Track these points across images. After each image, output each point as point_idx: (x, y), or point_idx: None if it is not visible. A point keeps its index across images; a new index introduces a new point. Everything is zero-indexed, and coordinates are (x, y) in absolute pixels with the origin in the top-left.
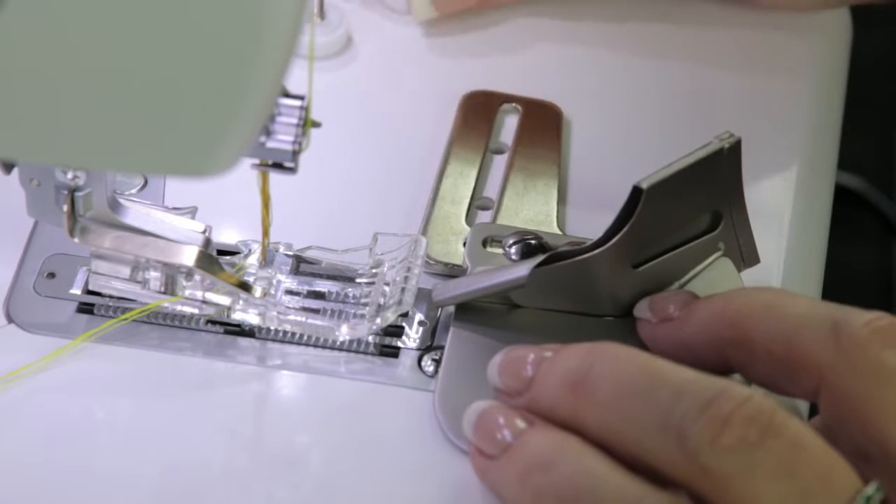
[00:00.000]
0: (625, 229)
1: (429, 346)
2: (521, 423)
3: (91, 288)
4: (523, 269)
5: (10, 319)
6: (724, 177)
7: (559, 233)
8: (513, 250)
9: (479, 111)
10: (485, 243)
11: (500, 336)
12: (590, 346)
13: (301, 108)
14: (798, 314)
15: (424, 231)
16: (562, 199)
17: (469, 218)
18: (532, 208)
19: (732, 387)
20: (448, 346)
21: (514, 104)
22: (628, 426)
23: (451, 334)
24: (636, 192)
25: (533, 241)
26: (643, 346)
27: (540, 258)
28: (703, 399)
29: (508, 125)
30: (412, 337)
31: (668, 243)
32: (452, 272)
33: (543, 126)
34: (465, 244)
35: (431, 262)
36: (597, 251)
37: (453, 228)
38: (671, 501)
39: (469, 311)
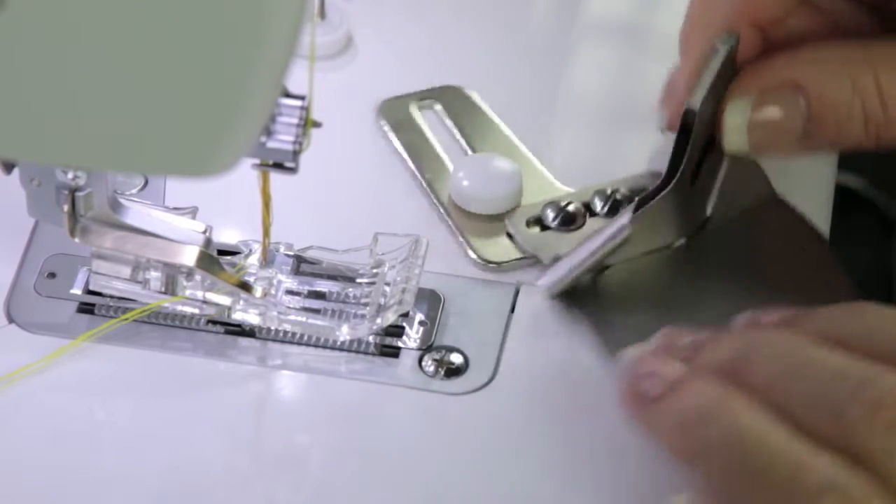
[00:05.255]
0: (688, 150)
1: (429, 346)
2: (686, 369)
3: (92, 288)
4: (623, 219)
5: (10, 319)
6: (730, 73)
7: (570, 190)
8: (558, 221)
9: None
10: (528, 225)
11: None
12: (744, 334)
13: (301, 107)
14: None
15: (464, 239)
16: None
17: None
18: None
19: (885, 373)
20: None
21: None
22: (786, 405)
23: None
24: (689, 113)
25: (569, 205)
26: None
27: (629, 208)
28: (860, 380)
29: None
30: (413, 337)
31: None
32: (510, 267)
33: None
34: (509, 235)
35: (493, 264)
36: (677, 177)
37: (488, 225)
38: (834, 461)
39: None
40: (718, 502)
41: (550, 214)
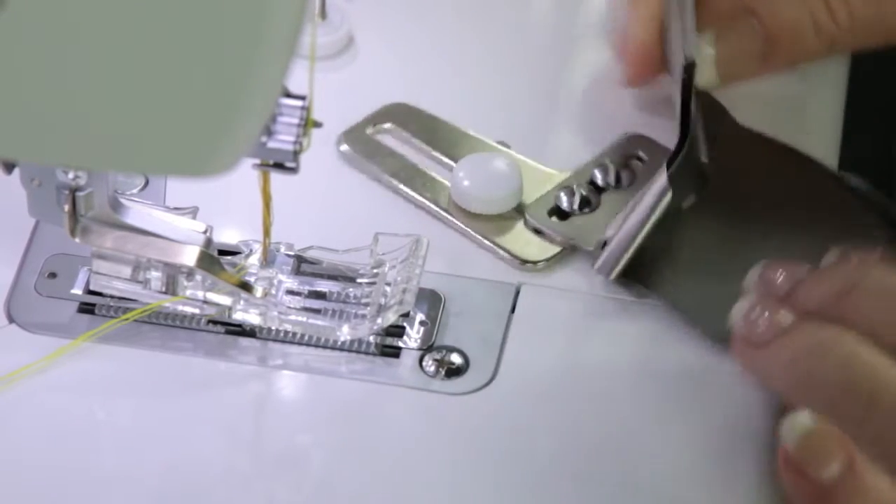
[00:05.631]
0: (693, 98)
1: (430, 346)
2: (791, 316)
3: (92, 288)
4: (659, 182)
5: (11, 319)
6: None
7: (566, 174)
8: (576, 205)
9: None
10: (549, 216)
11: None
12: (845, 270)
13: (302, 108)
14: None
15: (492, 242)
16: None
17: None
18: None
19: None
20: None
21: None
22: (892, 340)
23: None
24: (690, 65)
25: (579, 186)
26: None
27: (659, 171)
28: None
29: None
30: (413, 337)
31: None
32: (553, 264)
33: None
34: (536, 231)
35: (535, 263)
36: (690, 126)
37: (514, 228)
38: None
39: None
40: None
41: (565, 200)
